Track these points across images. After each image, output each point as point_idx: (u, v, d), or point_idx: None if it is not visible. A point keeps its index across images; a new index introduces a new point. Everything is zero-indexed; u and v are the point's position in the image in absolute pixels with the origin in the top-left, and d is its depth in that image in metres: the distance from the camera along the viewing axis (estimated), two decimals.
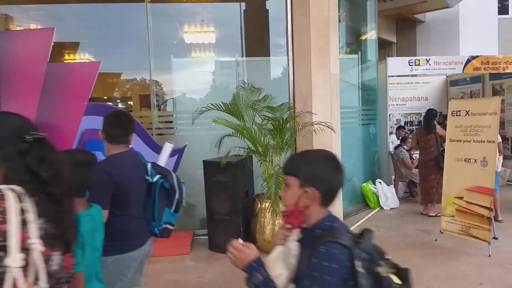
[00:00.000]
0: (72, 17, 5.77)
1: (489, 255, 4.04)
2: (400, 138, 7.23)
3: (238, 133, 4.46)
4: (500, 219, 5.23)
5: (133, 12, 5.49)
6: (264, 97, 4.58)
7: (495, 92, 8.09)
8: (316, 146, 5.00)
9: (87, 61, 5.88)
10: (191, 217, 5.29)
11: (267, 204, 4.21)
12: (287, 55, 5.15)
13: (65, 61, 5.87)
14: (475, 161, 4.20)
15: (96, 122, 4.39)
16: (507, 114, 7.91)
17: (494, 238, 4.47)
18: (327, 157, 1.32)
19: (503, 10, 13.55)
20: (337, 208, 5.16)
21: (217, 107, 4.37)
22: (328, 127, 4.64)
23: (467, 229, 4.24)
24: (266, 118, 4.44)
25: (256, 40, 6.47)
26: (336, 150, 5.16)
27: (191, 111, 4.55)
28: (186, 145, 4.50)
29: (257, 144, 4.46)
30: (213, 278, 3.80)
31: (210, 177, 4.45)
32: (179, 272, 3.97)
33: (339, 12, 6.15)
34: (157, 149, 4.43)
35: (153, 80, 5.20)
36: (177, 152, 4.43)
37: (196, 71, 5.86)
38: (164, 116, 5.45)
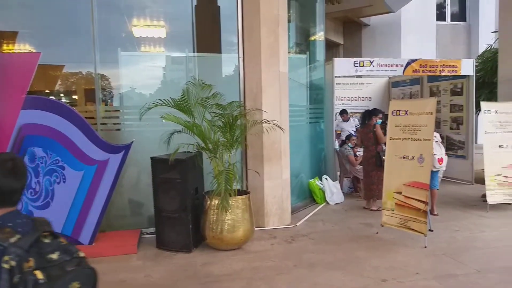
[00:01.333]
0: (10, 4, 5.38)
1: (425, 246, 4.33)
2: (346, 136, 7.55)
3: (188, 130, 4.41)
4: (435, 213, 5.62)
5: (77, 1, 5.22)
6: (213, 94, 4.57)
7: (432, 94, 8.67)
8: (266, 143, 5.10)
9: (27, 51, 5.52)
10: (138, 215, 5.16)
11: (217, 201, 4.21)
12: (238, 53, 5.18)
13: (2, 52, 5.47)
14: (413, 158, 4.49)
15: (35, 116, 4.17)
16: (442, 114, 8.51)
17: (430, 230, 4.80)
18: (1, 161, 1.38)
19: (441, 17, 14.50)
20: (286, 203, 5.30)
21: (166, 103, 4.29)
22: (277, 126, 4.73)
23: (405, 222, 4.51)
24: (216, 115, 4.44)
25: (207, 36, 6.42)
26: (285, 147, 5.28)
27: (139, 107, 4.44)
28: (133, 142, 4.38)
29: (207, 141, 4.44)
30: (161, 277, 3.74)
31: (159, 174, 4.36)
32: (125, 271, 3.87)
33: (288, 12, 6.26)
34: (102, 145, 4.28)
35: (99, 74, 5.00)
36: (124, 149, 4.30)
37: (145, 66, 5.70)
38: (110, 111, 5.26)
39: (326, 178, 6.56)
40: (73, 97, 7.18)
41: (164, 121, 4.43)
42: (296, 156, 6.13)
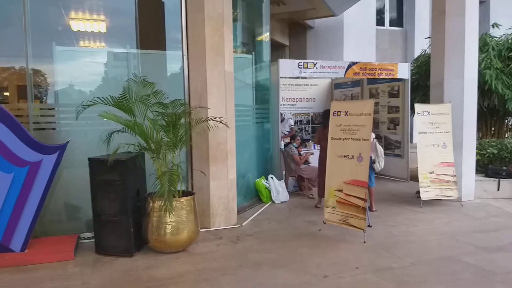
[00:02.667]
0: None
1: (364, 242, 4.52)
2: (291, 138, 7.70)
3: (129, 129, 4.25)
4: (374, 209, 5.89)
5: None
6: (154, 92, 4.45)
7: (371, 95, 9.10)
8: (212, 142, 5.05)
9: None
10: (76, 219, 4.90)
11: (160, 203, 4.10)
12: (182, 51, 5.08)
13: None
14: (353, 157, 4.67)
15: None
16: (381, 115, 8.96)
17: (369, 226, 5.03)
18: None
19: (380, 22, 15.24)
20: (232, 203, 5.29)
21: (104, 101, 4.10)
22: (222, 123, 4.71)
23: (346, 219, 4.69)
24: (159, 114, 4.32)
25: (151, 33, 6.23)
26: (231, 147, 5.27)
27: (76, 105, 4.20)
28: (68, 142, 4.14)
29: (149, 141, 4.31)
30: (100, 284, 3.57)
31: (97, 176, 4.15)
32: (61, 279, 3.64)
33: (234, 12, 6.25)
34: (34, 146, 4.00)
35: (32, 69, 4.67)
36: (58, 149, 4.05)
37: (84, 62, 5.41)
38: (44, 109, 4.93)
39: (272, 178, 6.65)
40: (5, 93, 6.65)
41: (105, 120, 4.22)
42: (243, 156, 6.14)
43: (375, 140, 5.87)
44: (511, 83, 7.94)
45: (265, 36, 7.21)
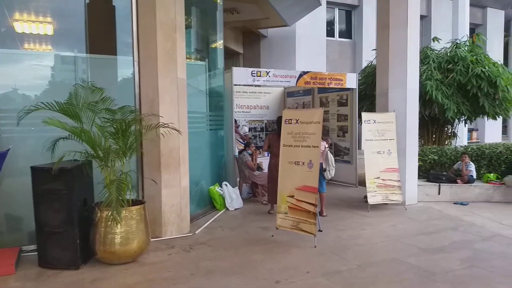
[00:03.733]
0: None
1: (315, 246, 4.64)
2: (245, 142, 7.76)
3: (75, 136, 4.09)
4: (324, 214, 6.06)
5: None
6: (103, 98, 4.32)
7: (322, 104, 9.40)
8: (164, 150, 4.98)
9: None
10: (17, 231, 4.62)
11: (108, 213, 3.96)
12: (133, 56, 4.98)
13: None
14: (303, 163, 4.79)
15: None
16: (331, 123, 9.27)
17: (320, 230, 5.17)
18: None
19: (330, 33, 15.80)
20: (184, 211, 5.23)
21: (49, 106, 3.92)
22: (174, 129, 4.66)
23: (297, 224, 4.79)
24: (108, 121, 4.19)
25: (101, 37, 6.05)
26: (184, 154, 5.22)
27: (18, 110, 3.97)
28: (9, 149, 3.91)
29: (97, 148, 4.17)
30: None
31: (40, 185, 3.94)
32: None
33: (188, 18, 6.23)
34: None
35: None
36: None
37: (29, 65, 5.14)
38: None
39: (226, 184, 6.65)
40: None
41: (51, 126, 4.02)
42: (196, 163, 6.10)
43: (327, 149, 6.07)
44: (450, 93, 8.52)
45: (219, 44, 7.24)
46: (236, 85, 7.27)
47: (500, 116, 9.28)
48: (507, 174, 7.29)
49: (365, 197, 6.66)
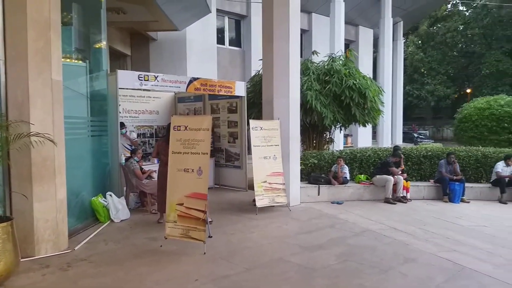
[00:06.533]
0: None
1: (204, 253, 4.65)
2: (132, 148, 7.41)
3: None
4: (210, 220, 6.06)
5: None
6: None
7: (213, 110, 9.49)
8: (36, 159, 4.49)
9: None
10: None
11: None
12: None
13: None
14: (193, 170, 4.77)
15: None
16: (221, 129, 9.41)
17: (210, 236, 5.19)
18: None
19: (221, 40, 16.08)
20: (62, 226, 4.78)
21: None
22: (49, 140, 4.23)
23: (187, 232, 4.74)
24: None
25: None
26: (60, 163, 4.77)
27: None
28: None
29: None
30: None
31: None
32: None
33: (68, 15, 5.74)
34: None
35: None
36: None
37: None
38: None
39: (110, 195, 6.25)
40: None
41: None
42: (76, 173, 5.62)
43: None
44: (327, 102, 9.36)
45: (103, 44, 6.80)
46: (121, 88, 6.90)
47: (369, 124, 10.49)
48: (375, 174, 8.28)
49: (254, 200, 6.91)
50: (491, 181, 8.71)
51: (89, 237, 5.31)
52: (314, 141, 10.41)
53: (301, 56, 10.44)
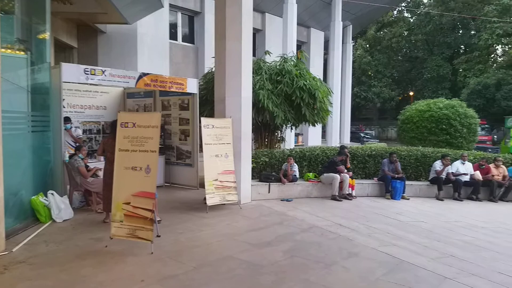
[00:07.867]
0: None
1: (152, 253, 4.57)
2: (76, 145, 7.10)
3: None
4: (158, 219, 5.96)
5: None
6: None
7: (164, 107, 9.32)
8: None
9: None
10: None
11: None
12: None
13: None
14: (141, 168, 4.67)
15: None
16: (173, 126, 9.27)
17: (158, 236, 5.11)
18: None
19: (174, 36, 15.77)
20: None
21: None
22: None
23: (134, 232, 4.63)
24: None
25: None
26: None
27: None
28: None
29: None
30: None
31: None
32: None
33: (9, 3, 5.40)
34: None
35: None
36: None
37: None
38: None
39: (52, 194, 5.95)
40: None
41: None
42: (15, 171, 5.30)
43: None
44: (279, 102, 9.51)
45: (46, 35, 6.44)
46: (66, 82, 6.58)
47: (319, 123, 10.80)
48: (322, 173, 8.56)
49: (205, 199, 6.88)
50: (429, 179, 9.31)
51: (29, 238, 5.04)
52: (266, 140, 10.55)
53: (254, 55, 10.54)
